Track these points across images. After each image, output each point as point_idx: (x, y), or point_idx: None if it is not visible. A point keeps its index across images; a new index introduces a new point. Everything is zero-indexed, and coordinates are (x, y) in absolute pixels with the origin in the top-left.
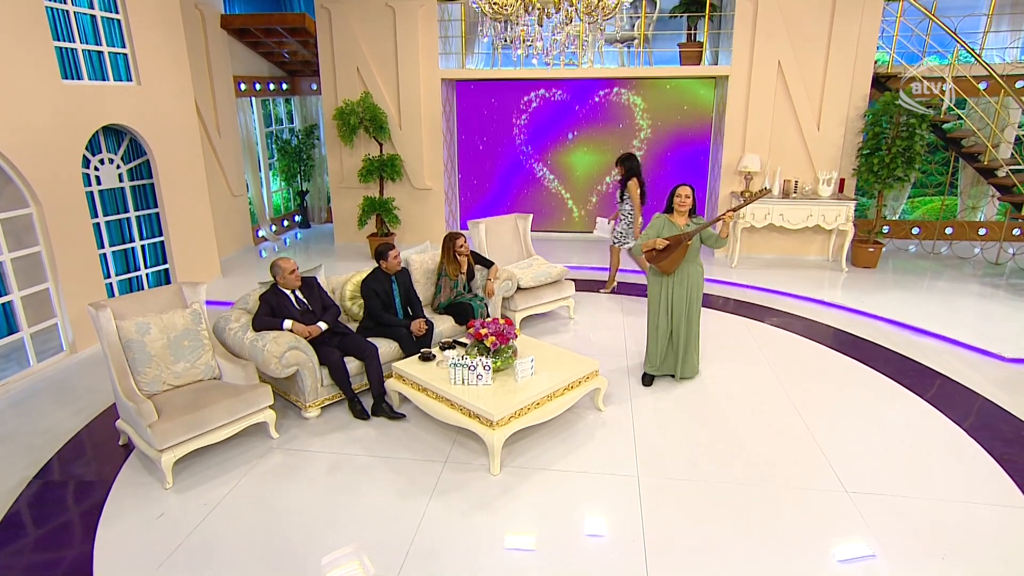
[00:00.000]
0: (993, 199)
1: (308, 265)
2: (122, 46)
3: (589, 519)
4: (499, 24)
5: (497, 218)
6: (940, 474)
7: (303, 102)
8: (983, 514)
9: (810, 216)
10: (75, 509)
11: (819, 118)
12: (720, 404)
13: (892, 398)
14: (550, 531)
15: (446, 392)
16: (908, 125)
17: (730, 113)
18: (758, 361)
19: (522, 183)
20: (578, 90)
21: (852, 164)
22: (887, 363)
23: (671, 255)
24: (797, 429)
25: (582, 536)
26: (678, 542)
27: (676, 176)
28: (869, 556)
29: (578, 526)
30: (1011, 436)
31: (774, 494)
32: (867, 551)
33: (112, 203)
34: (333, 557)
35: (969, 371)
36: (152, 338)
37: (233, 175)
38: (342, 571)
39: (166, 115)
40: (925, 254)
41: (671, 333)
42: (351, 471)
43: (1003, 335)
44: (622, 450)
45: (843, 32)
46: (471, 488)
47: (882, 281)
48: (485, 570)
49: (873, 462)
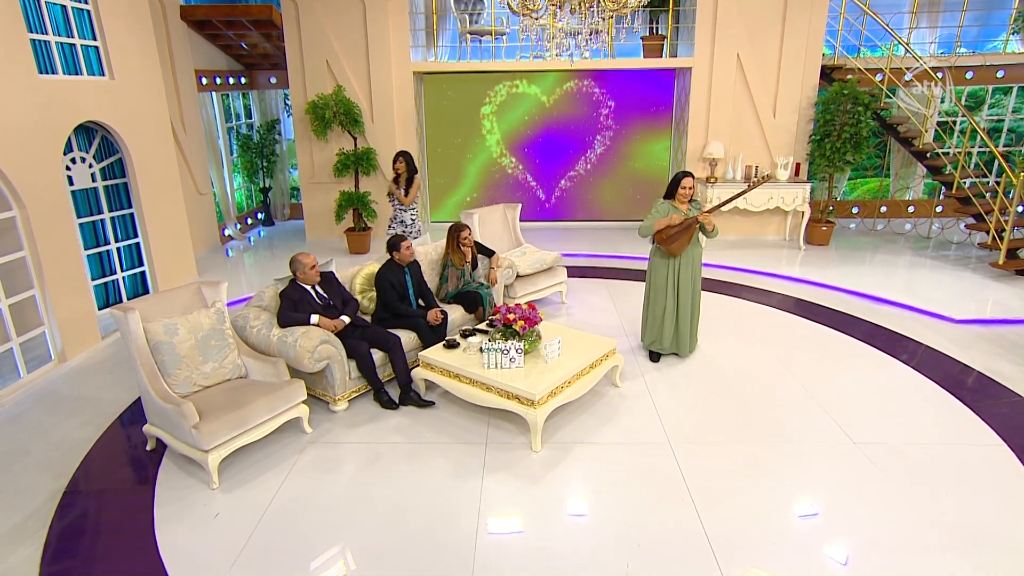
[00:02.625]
0: (922, 179)
1: (273, 265)
2: (92, 38)
3: (638, 483)
4: (466, 17)
5: (488, 208)
6: (927, 422)
7: (261, 96)
8: (967, 453)
9: (771, 199)
10: (124, 517)
11: (775, 107)
12: (724, 374)
13: (870, 359)
14: (606, 497)
15: (481, 376)
16: (854, 112)
17: (693, 103)
18: (746, 333)
19: (491, 173)
20: (545, 81)
21: (805, 149)
22: (859, 329)
23: (681, 238)
24: (797, 392)
25: (636, 497)
26: (723, 497)
27: (640, 162)
28: (886, 495)
29: (630, 489)
30: (975, 386)
31: (795, 450)
32: (883, 490)
33: (85, 204)
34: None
35: (928, 332)
36: (181, 339)
37: (199, 173)
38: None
39: (139, 111)
40: (866, 231)
41: (677, 313)
42: (398, 458)
43: (946, 299)
44: (648, 420)
45: (794, 26)
46: (518, 465)
47: (836, 257)
48: (555, 536)
49: (869, 416)
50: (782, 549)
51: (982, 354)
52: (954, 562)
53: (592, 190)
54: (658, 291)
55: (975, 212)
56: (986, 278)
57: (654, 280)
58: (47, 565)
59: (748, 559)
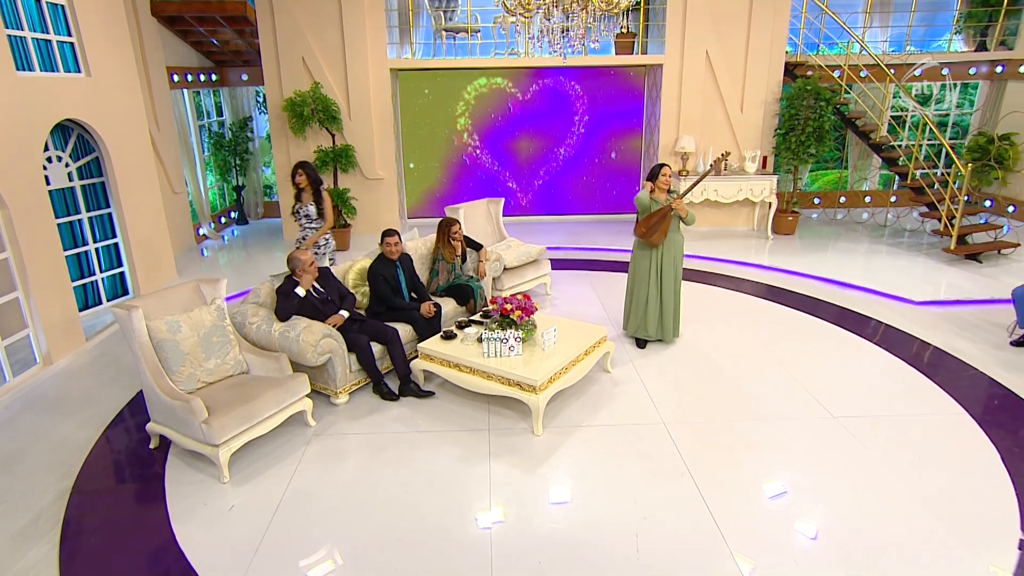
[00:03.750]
0: (878, 171)
1: (250, 265)
2: (68, 34)
3: (638, 461)
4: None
5: (472, 203)
6: (897, 396)
7: (232, 93)
8: (934, 422)
9: (740, 190)
10: (138, 513)
11: (742, 102)
12: (707, 358)
13: (840, 340)
14: (610, 475)
15: (482, 365)
16: (817, 107)
17: (665, 98)
18: (724, 319)
19: (467, 169)
20: (519, 78)
21: (771, 143)
22: (828, 312)
23: (658, 229)
24: (778, 372)
25: (638, 474)
26: (719, 472)
27: (613, 157)
28: (867, 463)
29: (631, 468)
30: (937, 362)
31: (782, 424)
32: (864, 461)
33: (62, 204)
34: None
35: (892, 314)
36: (184, 336)
37: (173, 171)
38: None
39: (117, 108)
40: (828, 220)
41: (661, 300)
42: (404, 447)
43: (905, 282)
44: (641, 403)
45: (759, 25)
46: (523, 449)
47: (802, 245)
48: (566, 514)
49: (845, 392)
50: (780, 516)
51: (941, 333)
52: (931, 521)
53: (567, 185)
54: (641, 280)
55: (928, 201)
56: (939, 263)
57: (637, 270)
58: (67, 563)
59: (749, 526)
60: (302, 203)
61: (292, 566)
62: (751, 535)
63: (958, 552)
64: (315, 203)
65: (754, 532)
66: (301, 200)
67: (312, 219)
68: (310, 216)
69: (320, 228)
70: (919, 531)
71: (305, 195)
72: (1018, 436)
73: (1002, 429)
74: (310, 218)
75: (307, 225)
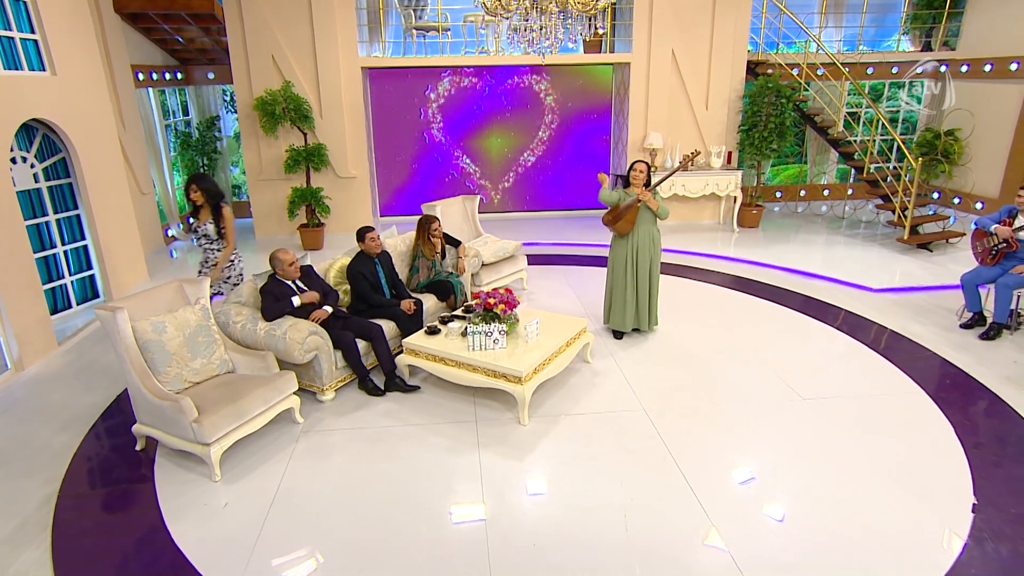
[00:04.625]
0: (835, 165)
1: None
2: (31, 31)
3: (622, 446)
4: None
5: (448, 200)
6: (859, 377)
7: (198, 92)
8: (894, 400)
9: (707, 185)
10: (130, 515)
11: (707, 99)
12: (681, 346)
13: (805, 326)
14: (596, 461)
15: (467, 358)
16: (778, 104)
17: (633, 96)
18: (695, 309)
19: (437, 167)
20: (489, 76)
21: (735, 139)
22: (793, 300)
23: (624, 217)
24: (748, 358)
25: (623, 459)
26: (700, 454)
27: (581, 154)
28: (835, 439)
29: (616, 453)
30: (895, 345)
31: (754, 407)
32: (833, 438)
33: (28, 206)
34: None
35: (852, 300)
36: (169, 336)
37: (140, 172)
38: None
39: (84, 107)
40: (789, 213)
41: (637, 291)
42: (394, 440)
43: (863, 271)
44: (622, 392)
45: (722, 24)
46: (511, 438)
47: (765, 237)
48: (556, 498)
49: (811, 375)
50: (757, 490)
51: (897, 317)
52: (894, 489)
53: (537, 181)
54: (618, 272)
55: (883, 193)
56: (894, 252)
57: (615, 262)
58: (62, 565)
59: (729, 502)
60: (199, 221)
61: (291, 559)
62: (731, 510)
63: (918, 516)
64: (214, 222)
65: (734, 507)
66: (198, 218)
67: (212, 239)
68: (209, 236)
69: (223, 250)
70: (883, 498)
71: (203, 212)
72: (968, 411)
73: (954, 405)
74: (209, 238)
75: (207, 247)
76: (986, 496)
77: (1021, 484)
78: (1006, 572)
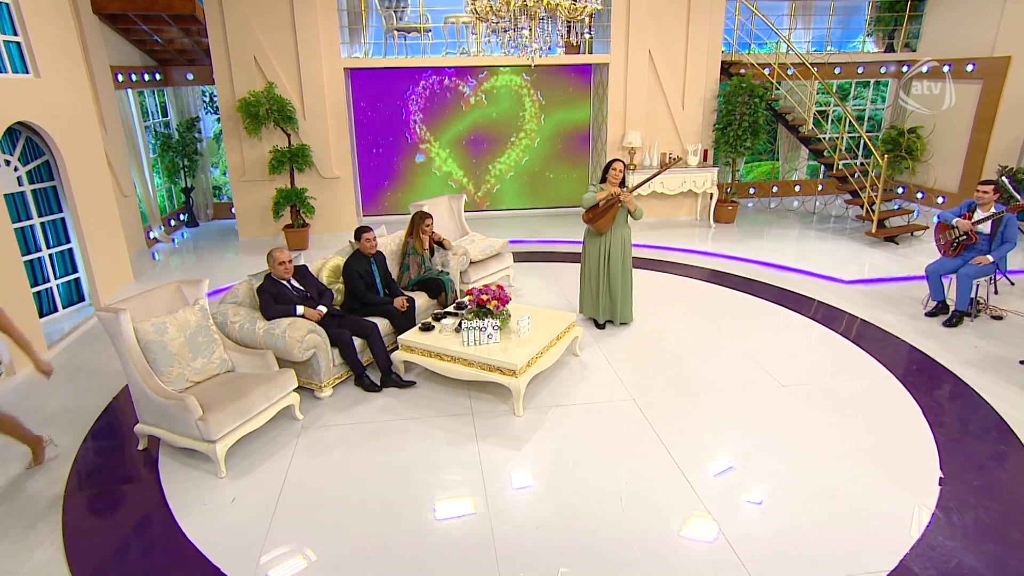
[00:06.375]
0: (806, 162)
1: (202, 266)
2: (13, 33)
3: (614, 434)
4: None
5: (434, 199)
6: (834, 364)
7: (177, 93)
8: (867, 385)
9: (684, 182)
10: (140, 512)
11: (683, 99)
12: (665, 338)
13: (781, 317)
14: (590, 448)
15: (462, 353)
16: (751, 103)
17: (611, 96)
18: (676, 302)
19: (420, 167)
20: (471, 77)
21: (711, 137)
22: (769, 293)
23: (604, 216)
24: (728, 348)
25: (616, 446)
26: (688, 439)
27: (562, 153)
28: (813, 422)
29: (609, 440)
30: (866, 333)
31: (737, 394)
32: (811, 422)
33: (12, 210)
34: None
35: (825, 292)
36: (171, 337)
37: (122, 174)
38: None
39: (68, 110)
40: (762, 209)
41: (609, 285)
42: (393, 434)
43: (835, 263)
44: (610, 382)
45: (697, 25)
46: (507, 429)
47: (740, 232)
48: (554, 485)
49: (789, 363)
50: (743, 471)
51: (868, 307)
52: (868, 466)
53: (518, 180)
54: (591, 267)
55: (851, 189)
56: (863, 245)
57: (588, 257)
58: (77, 562)
59: (718, 484)
60: None
61: (302, 549)
62: (721, 490)
63: (890, 491)
64: None
65: (723, 487)
66: None
67: None
68: None
69: None
70: (859, 475)
71: None
72: (934, 393)
73: (921, 388)
74: None
75: None
76: (951, 470)
77: (982, 458)
78: (970, 538)
